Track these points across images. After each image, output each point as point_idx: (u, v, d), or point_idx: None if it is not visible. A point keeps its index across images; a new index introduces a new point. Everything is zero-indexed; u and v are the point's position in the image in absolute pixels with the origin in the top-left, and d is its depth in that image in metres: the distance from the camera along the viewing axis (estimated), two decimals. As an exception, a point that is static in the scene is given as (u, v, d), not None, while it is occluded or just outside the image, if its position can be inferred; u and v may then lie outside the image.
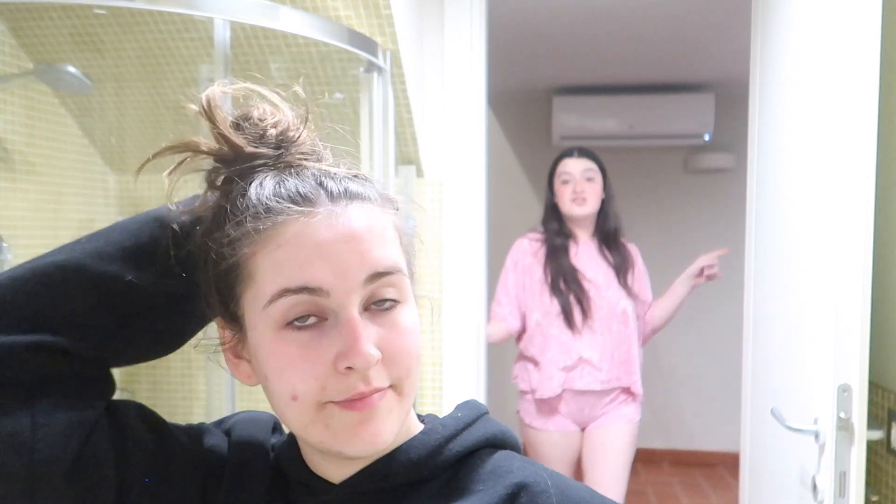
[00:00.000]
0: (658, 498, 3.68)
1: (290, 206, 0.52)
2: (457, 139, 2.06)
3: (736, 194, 2.59)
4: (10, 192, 1.74)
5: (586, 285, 2.21)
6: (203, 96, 0.54)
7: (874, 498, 1.48)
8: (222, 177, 0.56)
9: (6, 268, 1.69)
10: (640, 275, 2.36)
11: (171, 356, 0.61)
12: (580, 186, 2.24)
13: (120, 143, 2.04)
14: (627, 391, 2.26)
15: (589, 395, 2.23)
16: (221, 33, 1.41)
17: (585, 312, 2.20)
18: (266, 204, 0.52)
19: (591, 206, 2.25)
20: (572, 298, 2.19)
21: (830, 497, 1.29)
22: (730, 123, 3.85)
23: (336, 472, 0.59)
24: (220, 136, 0.55)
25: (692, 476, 4.00)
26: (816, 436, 1.34)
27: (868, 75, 1.22)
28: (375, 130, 1.68)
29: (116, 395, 0.58)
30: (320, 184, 0.54)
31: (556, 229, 2.29)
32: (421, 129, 2.01)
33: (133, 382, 2.07)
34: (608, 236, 2.30)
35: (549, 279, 2.22)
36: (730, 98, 3.85)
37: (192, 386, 2.10)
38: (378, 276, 0.53)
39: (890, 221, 1.47)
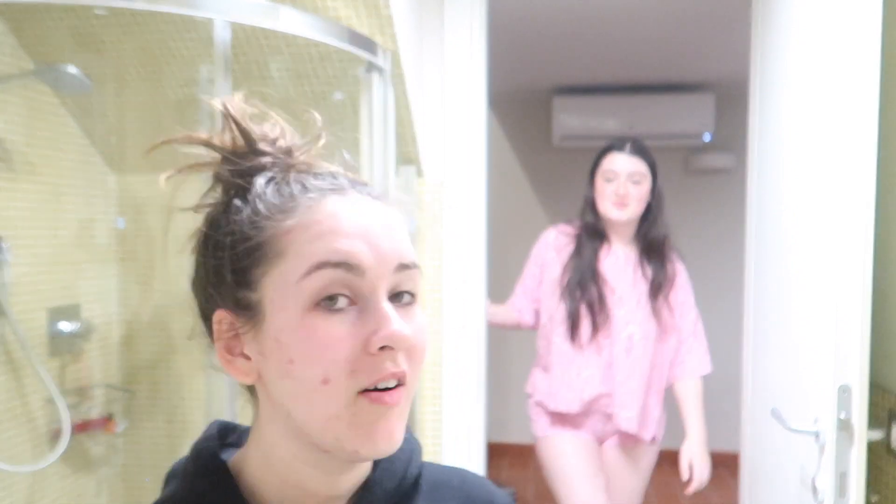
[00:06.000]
0: (658, 498, 3.67)
1: (323, 185, 0.53)
2: (457, 139, 2.05)
3: (736, 194, 2.59)
4: (10, 192, 1.74)
5: (607, 294, 1.98)
6: (219, 100, 0.55)
7: (874, 498, 1.48)
8: (232, 171, 0.56)
9: (6, 268, 1.70)
10: (678, 291, 2.04)
11: (172, 356, 0.61)
12: (623, 189, 1.95)
13: (120, 143, 2.04)
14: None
15: (603, 413, 2.03)
16: (221, 34, 1.41)
17: (596, 325, 1.96)
18: (299, 185, 0.53)
19: (632, 210, 1.97)
20: (584, 307, 1.97)
21: (830, 497, 1.29)
22: (730, 123, 3.85)
23: None
24: (240, 130, 0.55)
25: (692, 476, 3.99)
26: (817, 436, 1.34)
27: (868, 75, 1.22)
28: (375, 130, 1.68)
29: (116, 395, 0.58)
30: (341, 177, 0.56)
31: (591, 225, 2.04)
32: (421, 129, 2.00)
33: (133, 382, 2.07)
34: (652, 246, 2.01)
35: (565, 280, 2.01)
36: (730, 98, 3.85)
37: (192, 386, 2.09)
38: (405, 267, 0.53)
39: (890, 221, 1.47)
